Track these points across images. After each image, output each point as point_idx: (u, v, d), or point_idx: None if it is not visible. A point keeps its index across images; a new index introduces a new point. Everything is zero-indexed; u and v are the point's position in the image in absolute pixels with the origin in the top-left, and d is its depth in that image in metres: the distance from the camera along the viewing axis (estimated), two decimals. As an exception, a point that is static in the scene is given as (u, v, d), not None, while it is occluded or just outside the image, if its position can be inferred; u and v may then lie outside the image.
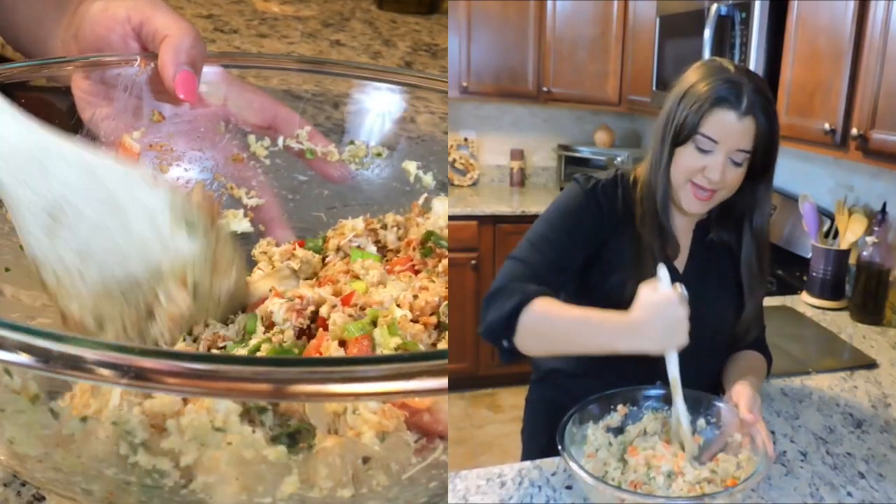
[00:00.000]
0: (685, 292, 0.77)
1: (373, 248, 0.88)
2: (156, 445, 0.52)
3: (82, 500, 0.57)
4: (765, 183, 0.94)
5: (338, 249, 0.88)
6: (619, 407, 0.86)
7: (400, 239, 0.89)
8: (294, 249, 0.89)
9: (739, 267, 0.97)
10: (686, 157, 0.89)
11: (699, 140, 0.88)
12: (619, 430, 0.85)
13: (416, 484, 0.57)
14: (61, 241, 0.63)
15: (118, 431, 0.52)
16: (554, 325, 0.85)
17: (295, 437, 0.57)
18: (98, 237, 0.64)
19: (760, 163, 0.91)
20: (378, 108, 0.96)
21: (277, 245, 0.92)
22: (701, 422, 0.86)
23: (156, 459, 0.52)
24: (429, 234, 0.87)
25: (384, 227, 0.90)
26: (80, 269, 0.63)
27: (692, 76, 0.90)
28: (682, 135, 0.89)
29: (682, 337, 0.77)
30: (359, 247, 0.87)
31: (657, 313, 0.76)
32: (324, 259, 0.89)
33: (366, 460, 0.56)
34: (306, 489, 0.54)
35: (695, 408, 0.85)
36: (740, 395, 0.86)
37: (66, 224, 0.62)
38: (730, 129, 0.87)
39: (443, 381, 0.47)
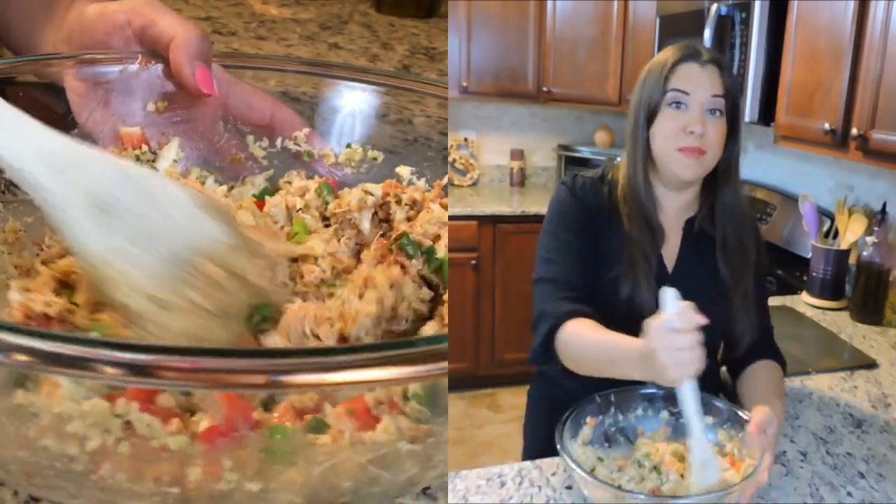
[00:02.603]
0: (695, 317, 0.72)
1: (366, 225, 0.83)
2: (62, 429, 0.52)
3: (6, 481, 0.58)
4: (732, 143, 0.94)
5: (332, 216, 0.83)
6: (608, 419, 0.87)
7: (409, 220, 0.84)
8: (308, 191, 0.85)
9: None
10: (665, 122, 0.91)
11: (671, 96, 0.90)
12: (607, 438, 0.86)
13: (328, 484, 0.57)
14: (113, 230, 0.66)
15: (24, 414, 0.52)
16: (581, 351, 0.87)
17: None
18: (143, 223, 0.68)
19: (729, 116, 0.92)
20: (374, 111, 0.96)
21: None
22: None
23: (63, 444, 0.52)
24: (401, 235, 0.80)
25: (399, 201, 0.84)
26: (134, 254, 0.66)
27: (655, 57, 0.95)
28: (652, 103, 0.91)
29: (689, 367, 0.72)
30: (351, 221, 0.82)
31: (659, 344, 0.72)
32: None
33: (269, 454, 0.56)
34: (212, 481, 0.54)
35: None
36: (756, 412, 0.84)
37: (115, 214, 0.66)
38: (696, 77, 0.90)
39: (443, 366, 0.47)
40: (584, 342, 0.86)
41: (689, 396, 0.75)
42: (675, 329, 0.71)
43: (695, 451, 0.77)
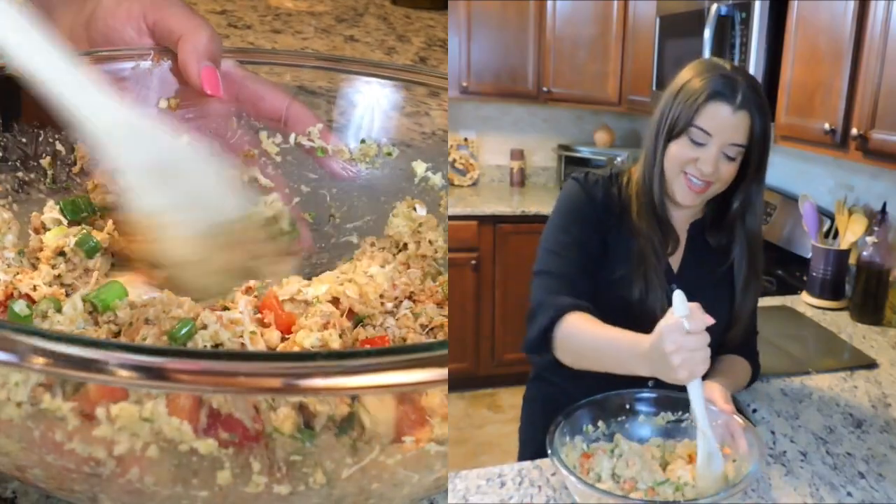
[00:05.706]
0: (703, 318, 0.72)
1: None
2: (89, 433, 0.52)
3: (34, 483, 0.58)
4: (757, 182, 0.94)
5: None
6: (600, 423, 0.87)
7: None
8: None
9: (733, 268, 0.98)
10: (680, 149, 0.90)
11: (693, 132, 0.89)
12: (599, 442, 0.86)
13: (356, 485, 0.56)
14: (171, 193, 0.76)
15: (51, 418, 0.52)
16: (583, 344, 0.86)
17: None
18: (198, 188, 0.78)
19: (755, 160, 0.91)
20: (391, 104, 0.96)
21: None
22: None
23: (91, 447, 0.52)
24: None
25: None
26: (187, 216, 0.76)
27: (687, 74, 0.92)
28: (676, 129, 0.90)
29: (699, 367, 0.72)
30: None
31: (672, 347, 0.72)
32: None
33: (298, 457, 0.55)
34: (241, 484, 0.54)
35: (680, 407, 0.85)
36: (712, 389, 0.86)
37: (172, 178, 0.76)
38: (724, 122, 0.88)
39: (443, 372, 0.47)
40: (588, 335, 0.85)
41: (696, 393, 0.76)
42: (687, 331, 0.71)
43: (701, 443, 0.78)
